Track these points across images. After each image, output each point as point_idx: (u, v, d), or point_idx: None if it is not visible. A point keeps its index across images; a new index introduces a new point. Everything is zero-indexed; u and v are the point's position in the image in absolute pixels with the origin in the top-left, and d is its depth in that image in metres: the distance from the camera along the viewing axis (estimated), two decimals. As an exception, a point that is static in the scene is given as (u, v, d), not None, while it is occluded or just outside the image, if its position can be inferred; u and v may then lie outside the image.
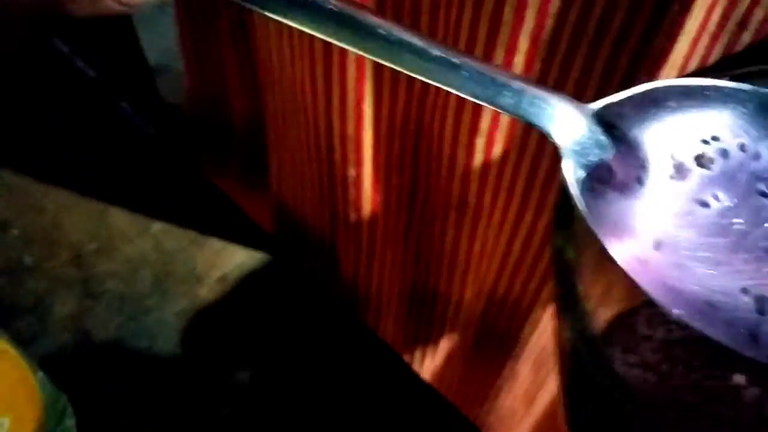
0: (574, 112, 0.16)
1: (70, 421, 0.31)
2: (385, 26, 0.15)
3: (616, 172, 0.17)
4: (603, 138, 0.17)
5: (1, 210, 0.39)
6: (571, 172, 0.17)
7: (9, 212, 0.39)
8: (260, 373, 0.35)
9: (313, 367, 0.36)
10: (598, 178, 0.17)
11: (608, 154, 0.17)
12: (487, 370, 0.41)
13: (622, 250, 0.16)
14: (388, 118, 0.33)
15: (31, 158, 0.41)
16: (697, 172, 0.17)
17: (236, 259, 0.37)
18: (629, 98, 0.17)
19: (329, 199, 0.38)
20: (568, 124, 0.16)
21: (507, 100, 0.16)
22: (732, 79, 0.18)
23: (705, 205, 0.17)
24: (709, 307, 0.16)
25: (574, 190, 0.16)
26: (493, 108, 0.16)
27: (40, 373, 0.29)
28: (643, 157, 0.17)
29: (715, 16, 0.23)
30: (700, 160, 0.17)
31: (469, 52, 0.27)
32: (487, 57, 0.27)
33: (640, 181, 0.17)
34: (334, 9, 0.15)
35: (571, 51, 0.25)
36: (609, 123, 0.17)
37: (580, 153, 0.17)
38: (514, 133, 0.30)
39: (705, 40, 0.24)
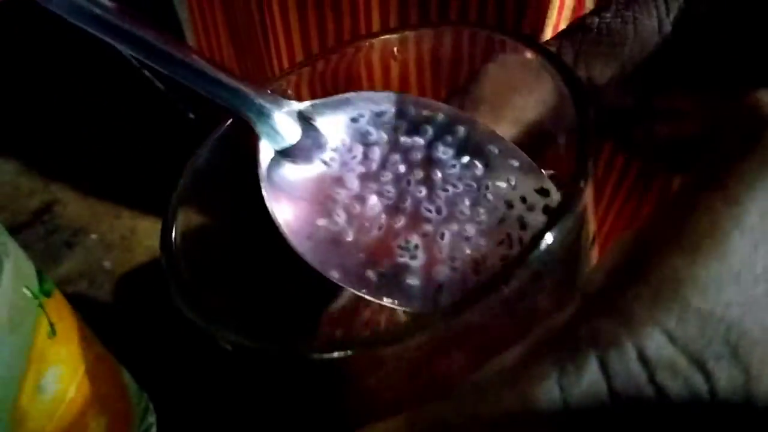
0: (272, 107, 0.21)
1: (152, 418, 0.32)
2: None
3: (302, 153, 0.21)
4: (295, 126, 0.21)
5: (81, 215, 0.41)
6: (265, 152, 0.21)
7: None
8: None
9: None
10: (287, 158, 0.21)
11: (298, 139, 0.21)
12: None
13: (294, 224, 0.20)
14: None
15: (106, 164, 0.43)
16: (358, 154, 0.22)
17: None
18: (330, 101, 0.22)
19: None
20: (266, 115, 0.20)
21: (224, 94, 0.20)
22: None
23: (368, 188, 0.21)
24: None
25: (263, 166, 0.21)
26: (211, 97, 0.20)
27: (127, 374, 0.31)
28: (324, 144, 0.22)
29: None
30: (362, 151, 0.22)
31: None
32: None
33: (319, 162, 0.22)
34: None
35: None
36: (307, 117, 0.21)
37: (273, 137, 0.21)
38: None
39: None
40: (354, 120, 0.22)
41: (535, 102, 0.22)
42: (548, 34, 0.28)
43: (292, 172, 0.21)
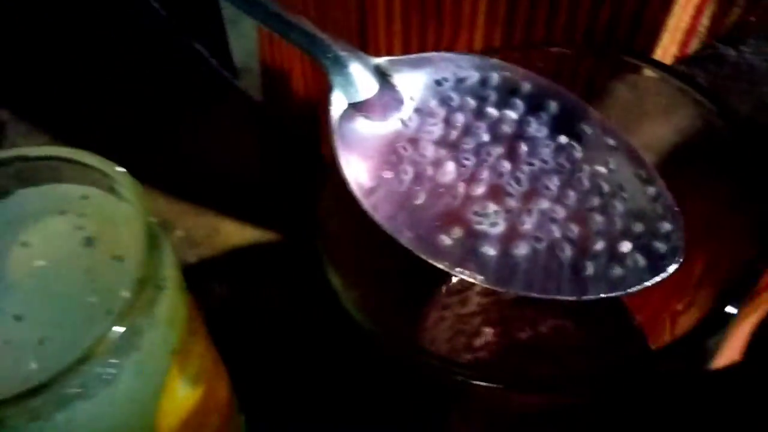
0: (348, 57, 0.20)
1: (242, 417, 0.33)
2: None
3: (377, 108, 0.21)
4: (371, 80, 0.21)
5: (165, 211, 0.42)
6: (338, 103, 0.21)
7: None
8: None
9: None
10: (361, 112, 0.21)
11: (373, 93, 0.21)
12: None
13: (363, 180, 0.20)
14: None
15: (191, 161, 0.44)
16: (438, 119, 0.21)
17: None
18: (408, 58, 0.21)
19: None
20: (342, 64, 0.20)
21: (300, 39, 0.20)
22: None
23: (442, 147, 0.21)
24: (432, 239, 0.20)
25: (334, 117, 0.20)
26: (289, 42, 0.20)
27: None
28: (401, 102, 0.21)
29: None
30: (444, 111, 0.22)
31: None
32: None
33: (394, 120, 0.21)
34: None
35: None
36: (385, 73, 0.21)
37: (347, 89, 0.20)
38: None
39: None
40: (438, 83, 0.22)
41: (671, 129, 0.22)
42: (658, 55, 0.29)
43: (364, 127, 0.21)
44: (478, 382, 0.18)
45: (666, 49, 0.28)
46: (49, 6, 0.52)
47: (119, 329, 0.18)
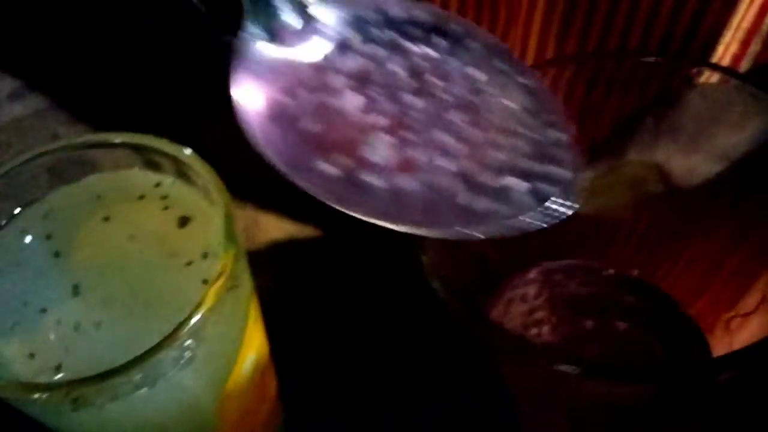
0: None
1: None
2: None
3: (291, 38, 0.20)
4: (288, 9, 0.20)
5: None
6: (249, 30, 0.20)
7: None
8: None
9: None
10: (274, 40, 0.20)
11: (289, 23, 0.20)
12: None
13: (256, 103, 0.19)
14: None
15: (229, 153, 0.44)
16: (357, 52, 0.21)
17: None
18: None
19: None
20: None
21: None
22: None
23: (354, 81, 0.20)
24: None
25: (241, 42, 0.20)
26: None
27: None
28: (316, 34, 0.21)
29: None
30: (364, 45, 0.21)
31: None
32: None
33: (305, 51, 0.20)
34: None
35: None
36: (303, 4, 0.20)
37: (259, 16, 0.20)
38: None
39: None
40: (362, 18, 0.21)
41: (744, 140, 0.21)
42: (718, 53, 0.28)
43: (274, 54, 0.20)
44: (559, 367, 0.17)
45: (727, 47, 0.28)
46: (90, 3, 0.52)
47: (196, 318, 0.18)
